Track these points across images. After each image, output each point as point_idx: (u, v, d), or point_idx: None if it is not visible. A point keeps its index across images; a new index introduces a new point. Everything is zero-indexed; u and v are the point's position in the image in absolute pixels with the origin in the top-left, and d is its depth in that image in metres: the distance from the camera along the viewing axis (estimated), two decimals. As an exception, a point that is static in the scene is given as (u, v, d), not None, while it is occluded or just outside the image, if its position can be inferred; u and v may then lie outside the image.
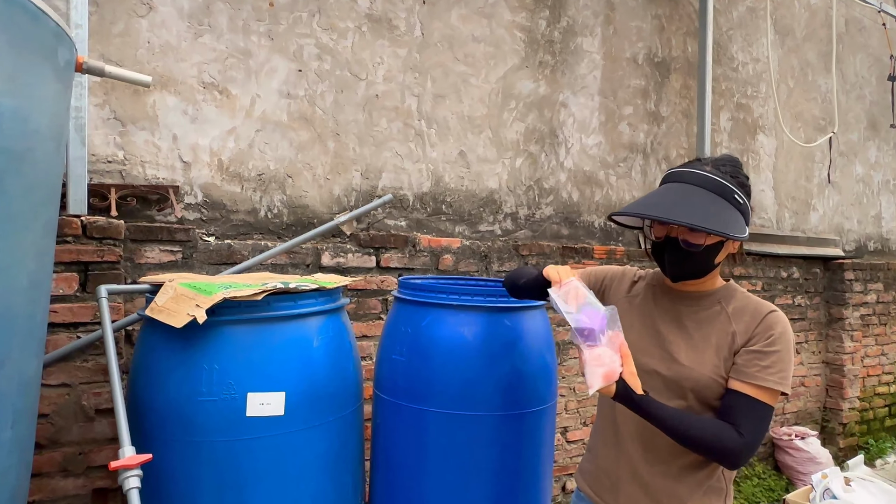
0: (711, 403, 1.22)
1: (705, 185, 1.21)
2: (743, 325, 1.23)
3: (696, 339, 1.26)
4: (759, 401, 1.16)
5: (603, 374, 1.10)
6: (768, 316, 1.22)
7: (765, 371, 1.17)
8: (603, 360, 1.11)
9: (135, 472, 1.30)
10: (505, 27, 3.03)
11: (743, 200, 1.22)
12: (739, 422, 1.15)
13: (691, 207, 1.16)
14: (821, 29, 4.69)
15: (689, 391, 1.22)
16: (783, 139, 4.40)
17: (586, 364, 1.11)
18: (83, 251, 1.83)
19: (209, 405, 1.44)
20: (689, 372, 1.22)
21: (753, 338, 1.21)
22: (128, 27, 2.12)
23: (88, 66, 1.39)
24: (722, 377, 1.21)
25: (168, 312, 1.48)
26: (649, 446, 1.27)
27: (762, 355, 1.18)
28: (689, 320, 1.28)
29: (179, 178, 2.23)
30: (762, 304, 1.26)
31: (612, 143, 3.47)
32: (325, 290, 1.65)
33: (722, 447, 1.13)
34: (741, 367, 1.19)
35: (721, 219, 1.16)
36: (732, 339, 1.22)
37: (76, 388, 1.81)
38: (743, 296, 1.29)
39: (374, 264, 2.53)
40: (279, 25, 2.42)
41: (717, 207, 1.18)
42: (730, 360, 1.21)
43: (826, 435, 4.51)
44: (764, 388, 1.16)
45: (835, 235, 4.84)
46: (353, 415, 1.68)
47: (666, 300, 1.34)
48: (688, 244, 1.21)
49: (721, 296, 1.29)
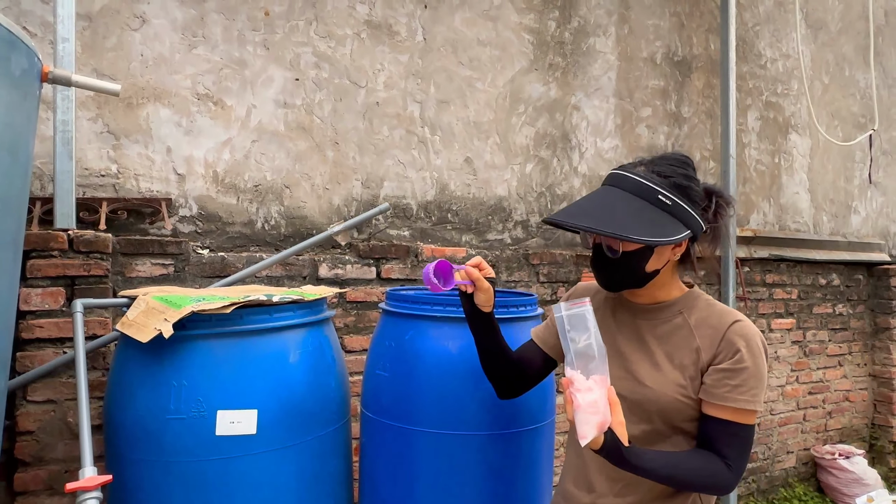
0: (679, 426, 1.15)
1: (626, 187, 1.15)
2: (707, 340, 1.14)
3: (659, 357, 1.17)
4: (738, 424, 1.09)
5: (597, 424, 0.98)
6: (732, 328, 1.13)
7: (736, 391, 1.09)
8: (598, 408, 0.98)
9: (93, 495, 1.23)
10: (512, 29, 2.94)
11: (672, 201, 1.12)
12: (723, 451, 1.08)
13: (603, 212, 1.12)
14: (858, 21, 4.43)
15: (654, 414, 1.14)
16: (818, 138, 4.16)
17: (580, 411, 0.98)
18: (69, 265, 1.81)
19: (177, 423, 1.38)
20: (653, 394, 1.14)
21: (719, 354, 1.12)
22: (121, 41, 2.12)
23: (54, 76, 1.36)
24: (689, 398, 1.13)
25: (137, 327, 1.43)
26: (616, 476, 1.17)
27: (731, 373, 1.10)
28: (650, 335, 1.20)
29: (174, 190, 2.21)
30: (726, 313, 1.17)
31: (629, 147, 3.32)
32: (304, 302, 1.58)
33: (714, 484, 1.08)
34: (711, 388, 1.11)
35: (631, 220, 1.09)
36: (697, 356, 1.14)
37: (62, 405, 1.78)
38: (706, 304, 1.20)
39: (375, 275, 2.45)
40: (275, 34, 2.39)
41: (632, 209, 1.11)
42: (697, 380, 1.13)
43: (874, 454, 4.20)
44: (739, 410, 1.09)
45: (879, 239, 4.54)
46: (335, 434, 1.60)
47: (625, 314, 1.25)
48: (611, 250, 1.15)
49: (682, 305, 1.21)
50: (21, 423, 1.74)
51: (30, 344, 1.77)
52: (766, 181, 3.92)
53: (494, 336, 1.29)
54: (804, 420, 3.94)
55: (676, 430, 1.15)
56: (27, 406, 1.75)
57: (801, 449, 3.91)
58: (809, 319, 3.96)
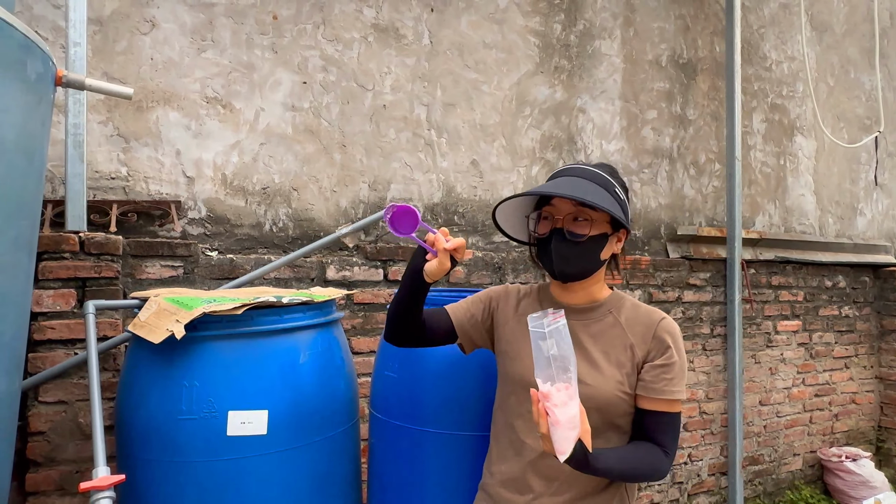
0: (614, 421, 1.21)
1: (586, 175, 1.24)
2: (639, 337, 1.22)
3: (595, 355, 1.23)
4: (672, 413, 1.19)
5: (574, 438, 0.98)
6: (660, 325, 1.22)
7: (671, 384, 1.18)
8: (576, 423, 0.98)
9: (106, 494, 1.25)
10: (517, 32, 2.95)
11: (622, 198, 1.25)
12: (662, 439, 1.18)
13: (575, 189, 1.18)
14: (862, 24, 4.43)
15: (592, 411, 1.16)
16: (824, 140, 4.16)
17: (559, 427, 0.97)
18: (80, 267, 1.83)
19: (189, 424, 1.39)
20: (592, 391, 1.18)
21: (651, 350, 1.21)
22: (131, 45, 2.14)
23: (68, 80, 1.38)
24: (626, 394, 1.20)
25: (149, 328, 1.44)
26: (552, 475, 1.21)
27: (666, 368, 1.19)
28: (583, 334, 1.25)
29: (183, 193, 2.22)
30: (651, 312, 1.26)
31: (635, 149, 3.33)
32: (313, 303, 1.59)
33: (657, 472, 1.17)
34: (650, 383, 1.19)
35: (604, 203, 1.18)
36: (632, 353, 1.22)
37: (73, 406, 1.80)
38: (632, 304, 1.29)
39: (382, 277, 2.46)
40: (283, 38, 2.41)
41: (599, 194, 1.20)
42: (633, 376, 1.21)
43: (881, 457, 4.18)
44: (673, 401, 1.19)
45: (885, 241, 4.52)
46: (344, 434, 1.61)
47: None
48: (573, 234, 1.20)
49: (611, 305, 1.28)
50: (33, 423, 1.75)
51: (41, 345, 1.78)
52: (772, 183, 3.92)
53: (419, 301, 1.26)
54: (810, 422, 3.93)
55: (610, 426, 1.20)
56: (39, 407, 1.77)
57: (808, 451, 3.90)
58: (815, 321, 3.95)
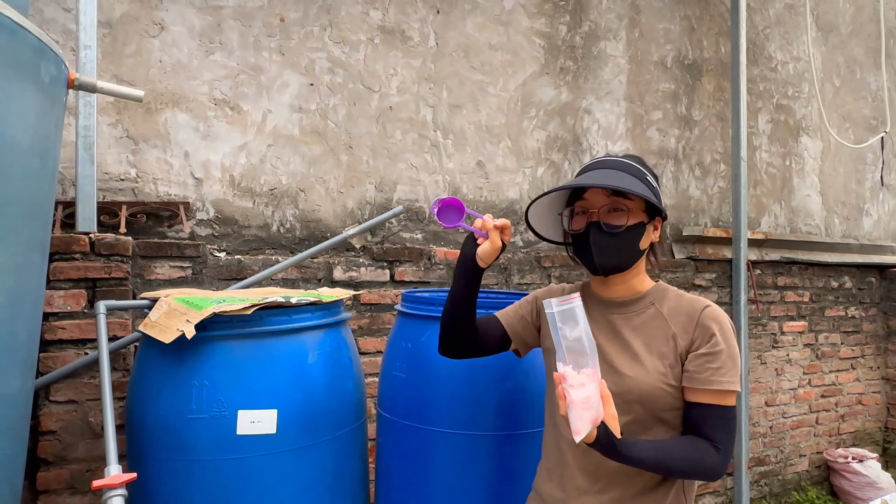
0: (660, 415, 1.16)
1: (619, 167, 1.23)
2: (681, 327, 1.18)
3: (637, 347, 1.19)
4: (723, 406, 1.12)
5: (591, 420, 0.98)
6: (704, 312, 1.17)
7: (718, 373, 1.11)
8: (591, 404, 0.99)
9: (118, 492, 1.26)
10: (523, 34, 2.96)
11: (655, 185, 1.24)
12: (711, 434, 1.10)
13: (611, 180, 1.17)
14: (868, 24, 4.42)
15: (635, 404, 1.15)
16: (830, 141, 4.15)
17: (573, 407, 0.99)
18: (91, 268, 1.85)
19: (199, 423, 1.41)
20: (633, 383, 1.15)
21: (696, 340, 1.16)
22: (140, 47, 2.16)
23: (80, 83, 1.39)
24: (670, 385, 1.15)
25: (159, 328, 1.46)
26: (598, 473, 1.19)
27: (711, 357, 1.13)
28: (625, 328, 1.22)
29: (191, 194, 2.24)
30: (695, 300, 1.21)
31: (640, 150, 3.33)
32: (322, 303, 1.60)
33: (704, 468, 1.09)
34: (694, 373, 1.13)
35: (640, 191, 1.16)
36: (675, 343, 1.17)
37: (83, 405, 1.81)
38: (676, 294, 1.24)
39: (389, 278, 2.47)
40: (290, 40, 2.42)
41: (635, 184, 1.18)
42: (677, 367, 1.15)
43: (888, 457, 4.17)
44: (722, 392, 1.11)
45: (892, 242, 4.51)
46: (352, 434, 1.62)
47: (597, 311, 1.27)
48: (609, 226, 1.18)
49: (654, 297, 1.24)
50: (44, 422, 1.77)
51: (52, 345, 1.80)
52: (777, 184, 3.91)
53: (473, 294, 1.29)
54: (817, 423, 3.92)
55: (657, 420, 1.16)
56: (49, 406, 1.78)
57: (814, 452, 3.89)
58: (821, 322, 3.95)
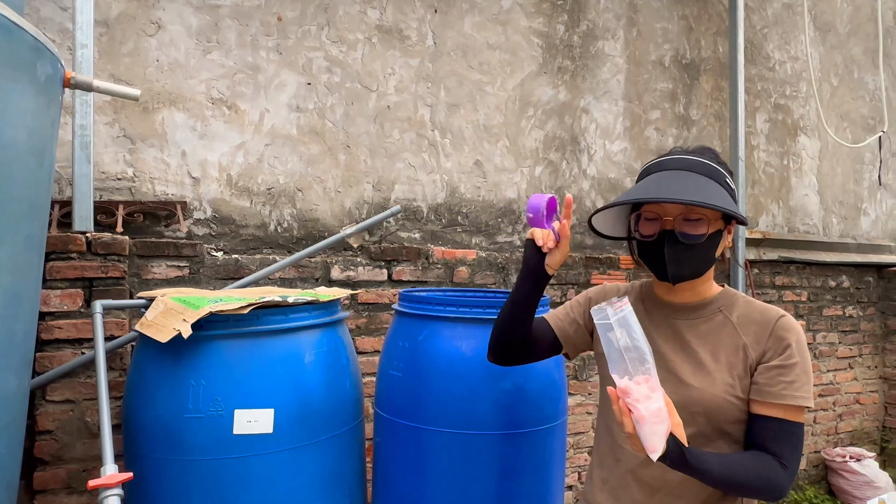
0: (724, 428, 1.09)
1: (694, 168, 1.11)
2: (752, 336, 1.10)
3: (703, 356, 1.12)
4: (792, 422, 1.05)
5: (664, 433, 0.90)
6: (779, 323, 1.09)
7: (791, 388, 1.04)
8: (663, 416, 0.90)
9: (115, 492, 1.26)
10: (521, 33, 2.96)
11: (733, 187, 1.14)
12: (778, 450, 1.03)
13: (687, 189, 1.05)
14: (866, 23, 4.43)
15: (699, 415, 1.09)
16: (827, 140, 4.15)
17: (646, 423, 0.89)
18: (87, 267, 1.84)
19: (196, 423, 1.40)
20: (698, 394, 1.09)
21: (768, 351, 1.08)
22: (137, 46, 2.16)
23: (76, 82, 1.39)
24: (737, 398, 1.08)
25: (156, 327, 1.45)
26: (657, 486, 1.12)
27: (784, 370, 1.05)
28: (690, 335, 1.15)
29: (189, 193, 2.24)
30: (768, 309, 1.13)
31: (638, 149, 3.33)
32: (319, 303, 1.60)
33: (770, 485, 1.01)
34: (764, 386, 1.06)
35: (720, 198, 1.06)
36: (745, 354, 1.09)
37: (80, 405, 1.81)
38: (745, 301, 1.16)
39: (386, 277, 2.47)
40: (288, 40, 2.42)
41: (712, 189, 1.07)
42: (746, 379, 1.08)
43: (885, 457, 4.17)
44: (794, 407, 1.05)
45: (889, 241, 4.52)
46: (349, 433, 1.62)
47: (660, 315, 1.20)
48: (686, 236, 1.08)
49: (721, 303, 1.16)
50: (40, 422, 1.77)
51: (48, 345, 1.80)
52: (776, 183, 3.91)
53: (534, 300, 1.21)
54: (815, 423, 3.92)
55: (721, 434, 1.09)
56: (46, 406, 1.78)
57: (812, 451, 3.90)
58: (819, 322, 3.95)
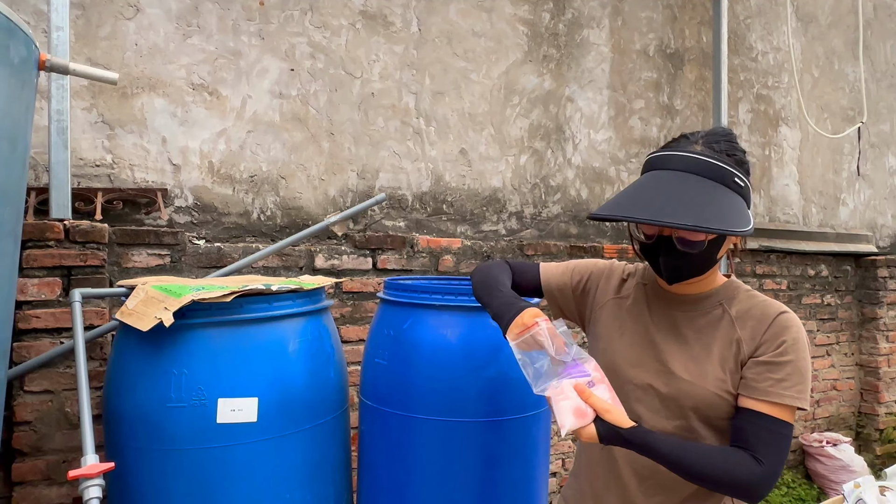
0: (716, 424, 1.07)
1: (699, 170, 1.02)
2: (749, 331, 1.07)
3: (697, 349, 1.09)
4: (777, 419, 1.00)
5: (572, 410, 0.93)
6: (778, 319, 1.05)
7: (779, 385, 1.00)
8: (566, 393, 0.94)
9: (95, 482, 1.24)
10: (506, 21, 2.94)
11: (744, 183, 1.03)
12: (756, 447, 0.98)
13: (685, 201, 0.97)
14: (847, 15, 4.47)
15: (689, 410, 1.06)
16: (808, 131, 4.20)
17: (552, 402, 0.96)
18: (66, 255, 1.81)
19: (178, 412, 1.39)
20: (689, 387, 1.06)
21: (762, 345, 1.04)
22: (115, 30, 2.11)
23: (52, 64, 1.35)
24: (728, 393, 1.05)
25: (137, 316, 1.43)
26: (646, 474, 1.11)
27: (775, 367, 1.02)
28: (688, 328, 1.12)
29: (169, 181, 2.20)
30: (770, 304, 1.09)
31: (622, 138, 3.35)
32: (303, 291, 1.59)
33: (735, 481, 0.97)
34: (751, 381, 1.03)
35: (722, 210, 0.97)
36: (738, 348, 1.06)
37: (59, 395, 1.78)
38: (747, 295, 1.12)
39: (371, 266, 2.46)
40: (270, 25, 2.38)
41: (715, 197, 0.99)
42: (737, 374, 1.05)
43: (861, 441, 4.27)
44: (781, 405, 1.00)
45: (867, 231, 4.60)
46: (334, 422, 1.61)
47: (660, 304, 1.17)
48: (685, 243, 1.03)
49: (722, 296, 1.13)
50: (18, 413, 1.74)
51: (26, 334, 1.76)
52: (757, 173, 3.96)
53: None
54: (792, 409, 4.00)
55: (713, 429, 1.07)
56: (24, 396, 1.75)
57: (790, 437, 3.97)
58: (799, 310, 4.01)
